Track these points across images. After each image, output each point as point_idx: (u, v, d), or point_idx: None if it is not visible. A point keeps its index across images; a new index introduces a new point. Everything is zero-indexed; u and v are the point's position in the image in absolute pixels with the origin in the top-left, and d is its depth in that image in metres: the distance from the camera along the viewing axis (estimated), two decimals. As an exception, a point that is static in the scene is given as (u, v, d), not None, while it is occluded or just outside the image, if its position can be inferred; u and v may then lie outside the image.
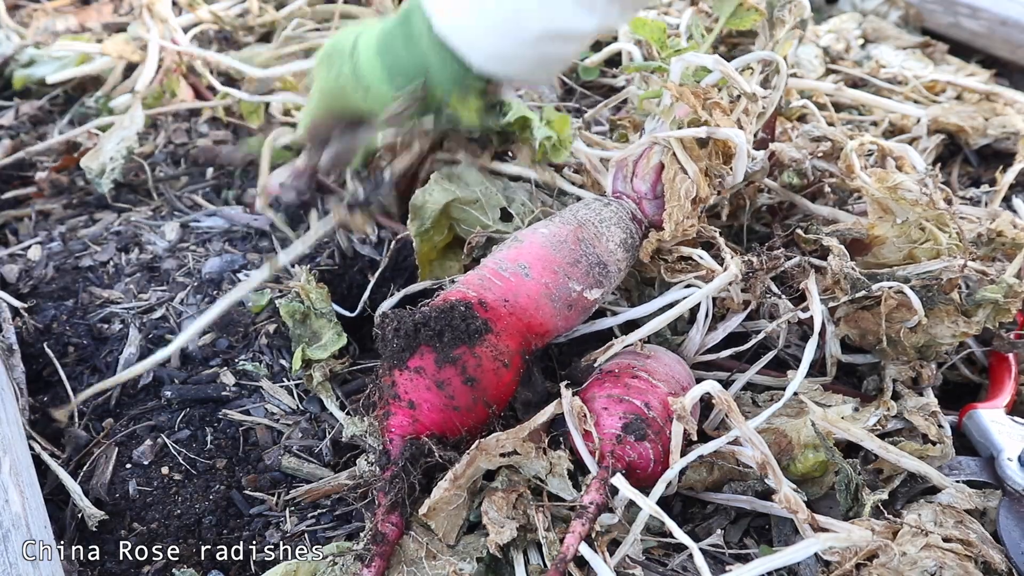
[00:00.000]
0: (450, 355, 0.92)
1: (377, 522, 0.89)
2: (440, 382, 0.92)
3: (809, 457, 0.95)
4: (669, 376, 0.98)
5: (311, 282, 1.17)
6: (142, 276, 1.30)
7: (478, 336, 0.93)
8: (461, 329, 0.93)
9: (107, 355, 1.18)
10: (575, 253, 1.01)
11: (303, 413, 1.11)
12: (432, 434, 0.93)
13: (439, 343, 0.93)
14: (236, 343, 1.19)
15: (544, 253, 1.00)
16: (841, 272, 1.07)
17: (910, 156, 1.27)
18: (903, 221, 1.14)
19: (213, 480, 1.03)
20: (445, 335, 0.93)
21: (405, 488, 0.90)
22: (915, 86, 1.64)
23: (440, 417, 0.93)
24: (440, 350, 0.93)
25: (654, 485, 0.89)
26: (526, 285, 0.98)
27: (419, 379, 0.93)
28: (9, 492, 0.93)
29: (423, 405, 0.92)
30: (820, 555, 0.87)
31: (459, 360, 0.93)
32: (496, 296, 0.98)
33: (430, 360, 0.93)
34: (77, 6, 2.02)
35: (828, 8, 2.03)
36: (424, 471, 0.93)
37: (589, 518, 0.84)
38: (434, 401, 0.92)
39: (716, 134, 1.04)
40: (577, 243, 1.01)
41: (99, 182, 1.43)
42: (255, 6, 1.92)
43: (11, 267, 1.33)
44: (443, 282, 1.15)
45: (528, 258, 1.00)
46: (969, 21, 1.88)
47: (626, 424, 0.91)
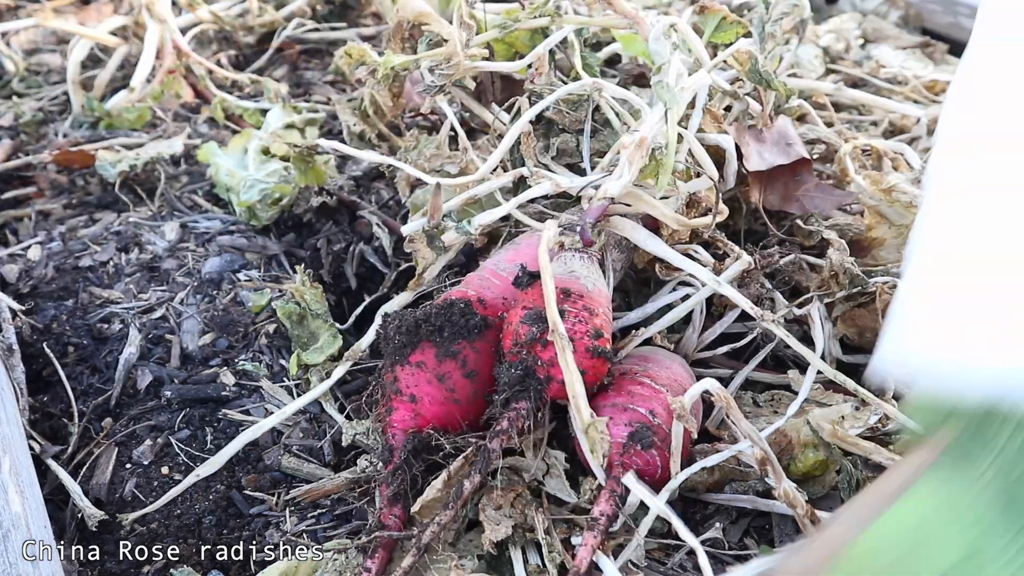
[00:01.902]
0: (450, 349, 0.94)
1: (379, 514, 0.90)
2: (441, 375, 0.94)
3: (809, 456, 0.96)
4: (671, 380, 0.98)
5: (306, 283, 1.17)
6: (142, 276, 1.30)
7: (477, 331, 0.95)
8: (461, 325, 0.95)
9: (107, 355, 1.18)
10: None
11: (303, 413, 1.11)
12: (433, 427, 0.94)
13: (439, 338, 0.94)
14: (236, 343, 1.19)
15: (537, 255, 1.00)
16: (841, 266, 1.07)
17: (907, 155, 1.27)
18: (900, 223, 1.14)
19: (213, 480, 1.03)
20: (445, 330, 0.94)
21: (407, 480, 0.90)
22: (915, 86, 1.64)
23: (441, 410, 0.94)
24: (440, 345, 0.94)
25: (660, 488, 0.89)
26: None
27: (420, 373, 0.94)
28: (9, 492, 0.93)
29: (424, 399, 0.94)
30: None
31: (459, 354, 0.94)
32: (495, 294, 1.00)
33: (431, 355, 0.94)
34: (77, 6, 2.02)
35: (828, 8, 2.03)
36: (427, 467, 0.93)
37: (601, 530, 0.85)
38: (435, 394, 0.94)
39: (707, 140, 1.05)
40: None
41: (108, 170, 1.44)
42: (255, 6, 1.92)
43: (11, 267, 1.33)
44: (443, 284, 1.16)
45: (525, 258, 1.01)
46: (969, 21, 1.88)
47: (632, 433, 0.91)
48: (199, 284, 1.28)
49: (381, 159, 1.16)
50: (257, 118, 1.66)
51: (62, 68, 1.83)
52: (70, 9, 2.00)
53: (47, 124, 1.69)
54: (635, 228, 1.02)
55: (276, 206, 1.36)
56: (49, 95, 1.78)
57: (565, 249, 0.99)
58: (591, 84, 1.10)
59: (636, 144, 0.95)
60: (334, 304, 1.28)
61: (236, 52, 1.93)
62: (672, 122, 0.97)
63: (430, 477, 0.93)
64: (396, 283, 1.25)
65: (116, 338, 1.20)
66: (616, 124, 1.12)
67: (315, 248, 1.34)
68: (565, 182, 1.03)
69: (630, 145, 0.96)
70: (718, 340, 1.11)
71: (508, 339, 0.93)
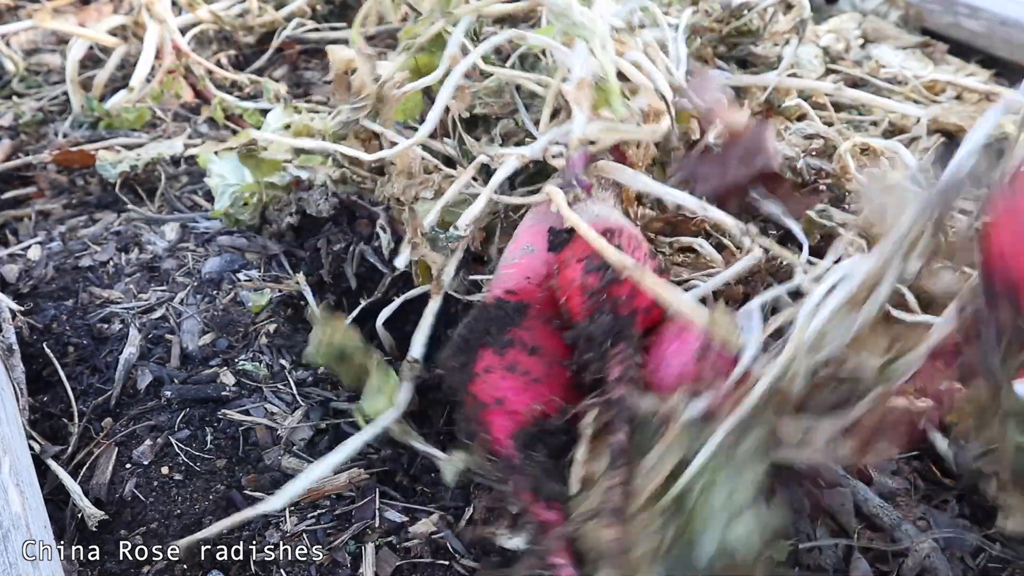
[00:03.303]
0: (504, 339, 0.93)
1: (536, 524, 0.86)
2: (510, 366, 0.93)
3: None
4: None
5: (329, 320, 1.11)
6: (142, 276, 1.30)
7: (520, 314, 0.95)
8: (501, 317, 0.95)
9: (107, 355, 1.18)
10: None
11: (304, 415, 1.11)
12: (533, 416, 0.91)
13: (491, 338, 0.94)
14: (236, 343, 1.19)
15: (538, 228, 1.03)
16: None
17: (901, 154, 1.27)
18: None
19: (213, 480, 1.03)
20: (491, 329, 0.94)
21: (537, 473, 0.88)
22: (915, 86, 1.64)
23: (529, 396, 0.92)
24: (495, 342, 0.93)
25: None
26: (537, 256, 1.01)
27: (492, 376, 0.93)
28: (9, 492, 0.93)
29: (508, 394, 0.92)
30: None
31: (515, 339, 0.93)
32: (517, 280, 0.99)
33: (490, 355, 0.93)
34: (77, 6, 2.02)
35: (828, 8, 2.03)
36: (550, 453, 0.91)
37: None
38: (514, 385, 0.92)
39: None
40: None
41: (108, 170, 1.44)
42: (255, 6, 1.92)
43: (11, 267, 1.33)
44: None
45: (526, 239, 1.03)
46: (969, 21, 1.88)
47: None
48: (199, 284, 1.28)
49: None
50: (257, 118, 1.66)
51: (62, 68, 1.83)
52: (70, 9, 2.00)
53: (47, 124, 1.69)
54: (621, 170, 1.04)
55: (249, 207, 1.35)
56: (49, 95, 1.78)
57: (579, 201, 0.99)
58: (513, 34, 1.10)
59: (577, 86, 0.95)
60: (334, 304, 1.28)
61: (236, 52, 1.93)
62: (599, 51, 0.97)
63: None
64: (394, 285, 1.25)
65: (116, 338, 1.20)
66: (540, 90, 1.13)
67: (315, 248, 1.34)
68: (528, 151, 1.03)
69: (573, 88, 0.96)
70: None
71: (575, 297, 0.93)
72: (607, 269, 0.92)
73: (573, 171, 0.99)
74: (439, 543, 0.97)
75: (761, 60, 1.65)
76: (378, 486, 1.03)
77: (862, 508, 0.98)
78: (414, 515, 1.00)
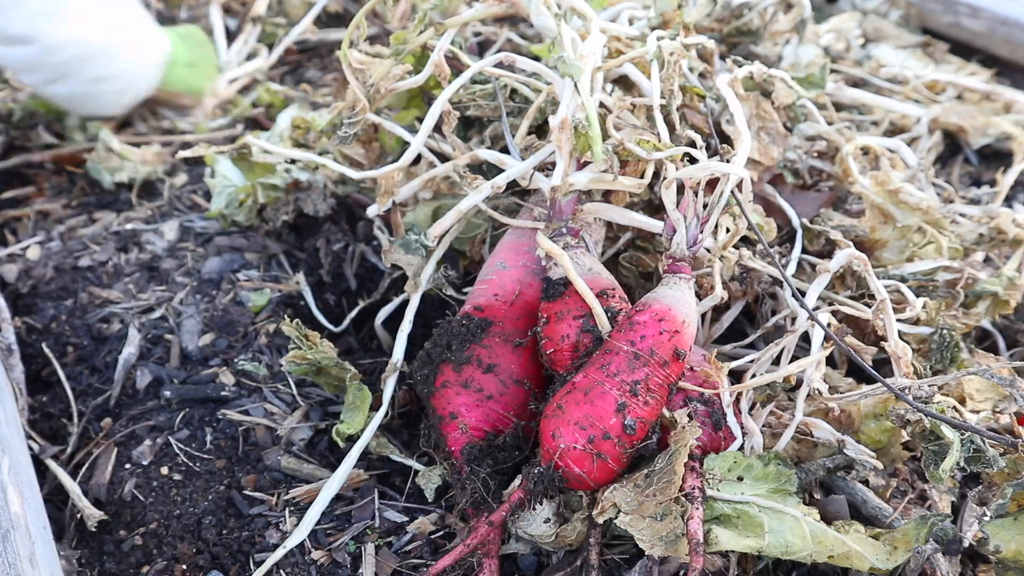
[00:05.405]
0: (463, 356, 0.98)
1: (476, 528, 0.90)
2: (465, 382, 0.98)
3: (872, 427, 0.97)
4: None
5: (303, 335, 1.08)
6: (141, 276, 1.30)
7: (482, 331, 0.99)
8: (463, 334, 0.99)
9: (106, 355, 1.18)
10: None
11: (303, 415, 1.11)
12: (484, 431, 0.96)
13: (450, 353, 0.99)
14: (236, 343, 1.19)
15: (513, 244, 1.07)
16: (849, 268, 1.07)
17: (902, 153, 1.27)
18: (903, 225, 1.14)
19: (213, 480, 1.03)
20: (452, 345, 0.99)
21: (479, 487, 0.92)
22: (915, 86, 1.63)
23: (480, 412, 0.97)
24: (454, 358, 0.98)
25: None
26: (508, 274, 1.04)
27: (448, 391, 0.98)
28: (8, 492, 0.93)
29: (461, 409, 0.97)
30: None
31: (472, 357, 0.98)
32: (487, 297, 1.03)
33: (449, 371, 0.98)
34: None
35: (828, 8, 2.02)
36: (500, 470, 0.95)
37: (699, 501, 0.88)
38: (467, 401, 0.97)
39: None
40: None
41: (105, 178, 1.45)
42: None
43: (11, 267, 1.33)
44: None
45: (501, 255, 1.07)
46: (969, 20, 1.87)
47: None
48: (199, 284, 1.27)
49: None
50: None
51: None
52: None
53: (46, 124, 1.68)
54: (609, 209, 1.05)
55: (244, 208, 1.34)
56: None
57: (569, 248, 0.99)
58: (503, 57, 1.09)
59: (559, 127, 0.95)
60: (334, 304, 1.28)
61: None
62: (584, 92, 0.96)
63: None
64: (394, 285, 1.24)
65: (115, 338, 1.20)
66: (532, 95, 1.13)
67: (315, 248, 1.34)
68: (502, 179, 1.02)
69: (555, 129, 0.95)
70: (725, 338, 1.13)
71: (565, 352, 0.95)
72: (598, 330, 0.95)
73: (561, 217, 1.00)
74: (439, 543, 0.97)
75: (761, 60, 1.64)
76: (377, 486, 1.03)
77: (861, 509, 0.97)
78: (413, 515, 1.00)
